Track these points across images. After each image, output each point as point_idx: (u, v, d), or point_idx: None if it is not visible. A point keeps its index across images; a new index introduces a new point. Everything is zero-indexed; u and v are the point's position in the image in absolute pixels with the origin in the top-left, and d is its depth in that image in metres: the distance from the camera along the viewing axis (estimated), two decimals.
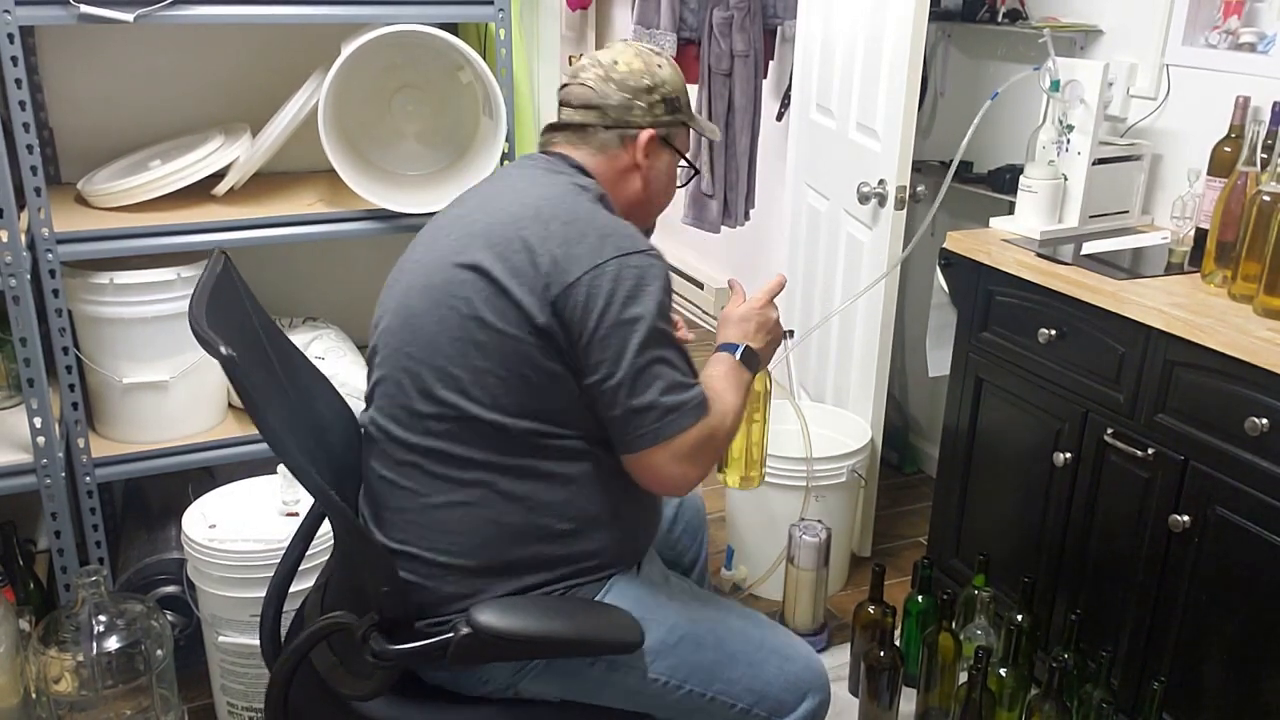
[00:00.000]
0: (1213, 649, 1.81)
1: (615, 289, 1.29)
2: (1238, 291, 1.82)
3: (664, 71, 1.50)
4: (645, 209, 1.55)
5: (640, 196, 1.54)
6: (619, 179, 1.51)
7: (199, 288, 1.31)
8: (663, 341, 1.32)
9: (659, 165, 1.53)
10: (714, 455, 1.38)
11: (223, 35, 2.37)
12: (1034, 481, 2.15)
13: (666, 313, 1.33)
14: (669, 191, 1.58)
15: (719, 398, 1.38)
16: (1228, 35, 2.16)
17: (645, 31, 3.55)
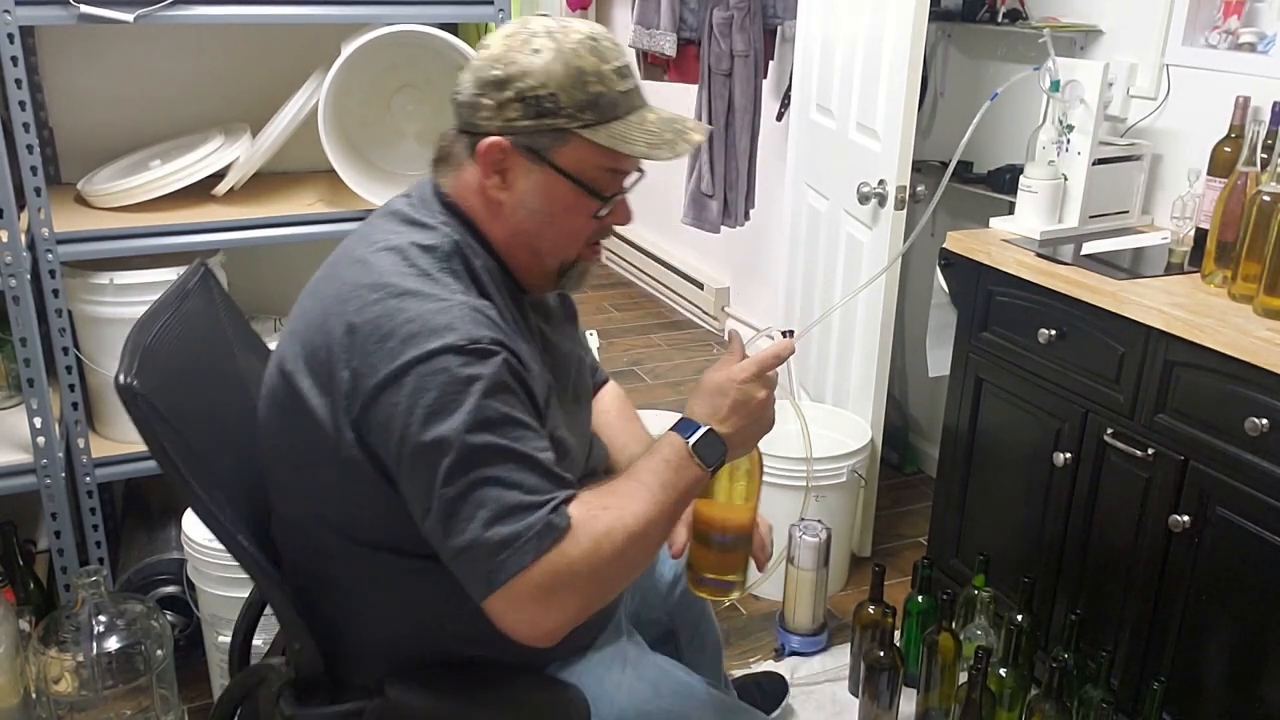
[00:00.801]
0: (1213, 649, 1.81)
1: (413, 406, 1.03)
2: (1238, 291, 1.82)
3: (534, 60, 1.12)
4: (529, 249, 1.21)
5: (511, 231, 1.20)
6: (483, 206, 1.20)
7: (161, 299, 1.27)
8: (484, 459, 1.02)
9: (523, 186, 1.17)
10: (585, 593, 1.03)
11: (223, 35, 2.37)
12: (1034, 481, 2.15)
13: (494, 422, 1.04)
14: (561, 226, 1.19)
15: (610, 509, 1.05)
16: (1228, 35, 2.16)
17: (645, 32, 3.55)
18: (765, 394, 1.15)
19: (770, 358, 1.15)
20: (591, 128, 1.14)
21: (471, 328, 1.07)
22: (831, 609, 2.51)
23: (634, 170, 1.22)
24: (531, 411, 1.10)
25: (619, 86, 1.16)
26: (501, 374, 1.06)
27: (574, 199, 1.18)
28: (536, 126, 1.14)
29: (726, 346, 1.20)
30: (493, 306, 1.14)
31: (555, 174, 1.16)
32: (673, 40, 3.48)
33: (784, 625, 2.41)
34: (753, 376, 1.14)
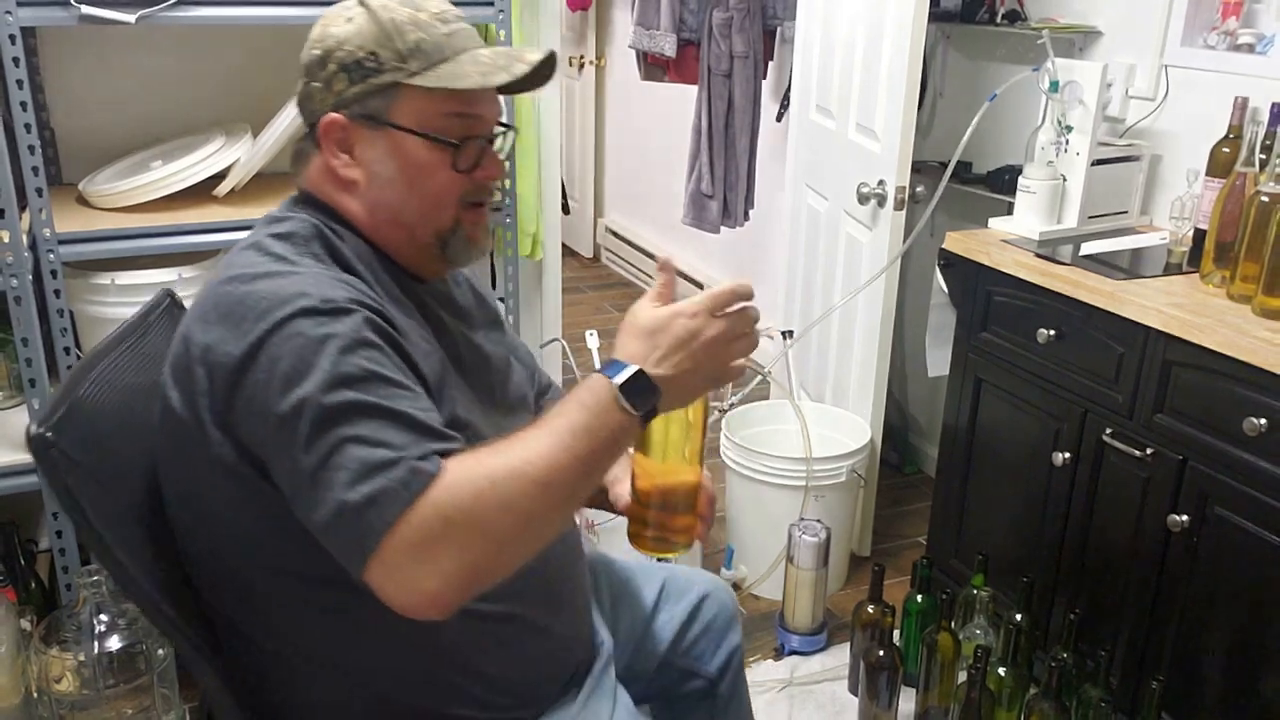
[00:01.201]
0: (1211, 648, 1.82)
1: (270, 379, 0.95)
2: (1236, 292, 1.82)
3: (347, 28, 1.09)
4: (396, 224, 1.14)
5: (370, 208, 1.13)
6: (338, 189, 1.13)
7: (117, 334, 1.21)
8: (344, 418, 0.92)
9: (371, 156, 1.11)
10: (468, 548, 0.88)
11: (224, 36, 2.38)
12: (1033, 481, 2.15)
13: (354, 378, 0.94)
14: (422, 189, 1.12)
15: (500, 454, 0.91)
16: (1226, 36, 2.16)
17: (645, 32, 3.56)
18: (718, 331, 0.97)
19: (726, 293, 0.98)
20: (419, 75, 1.08)
21: (326, 289, 1.00)
22: (831, 608, 2.51)
23: (487, 116, 1.14)
24: (407, 374, 1.00)
25: (441, 30, 1.10)
26: (362, 330, 0.98)
27: (425, 154, 1.10)
28: (364, 90, 1.09)
29: (658, 274, 1.02)
30: (360, 280, 1.07)
31: (398, 133, 1.09)
32: (673, 41, 3.48)
33: (784, 625, 2.41)
34: (702, 310, 0.96)
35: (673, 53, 3.50)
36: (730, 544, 2.65)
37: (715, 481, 2.89)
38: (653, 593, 1.49)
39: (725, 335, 0.97)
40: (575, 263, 5.35)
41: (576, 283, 4.95)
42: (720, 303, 0.97)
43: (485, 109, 1.13)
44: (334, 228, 1.12)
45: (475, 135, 1.12)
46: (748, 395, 2.91)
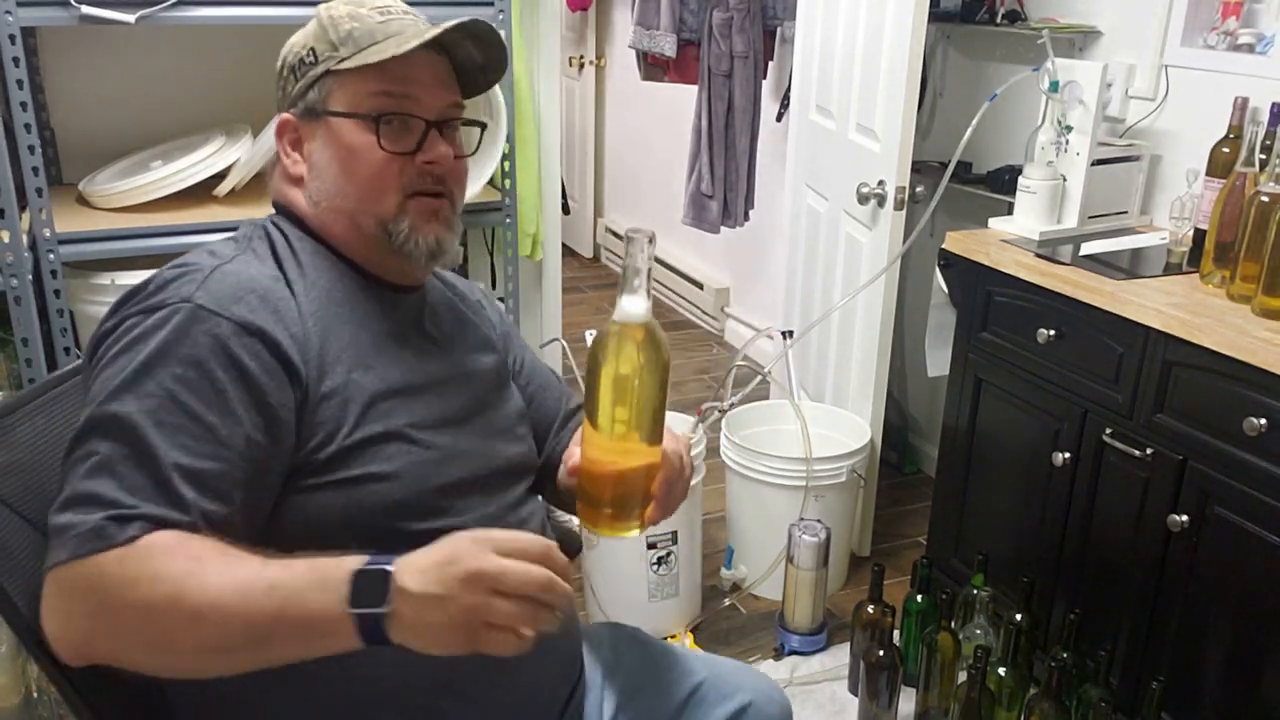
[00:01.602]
0: (1211, 648, 1.82)
1: (101, 359, 0.97)
2: (1236, 292, 1.82)
3: (298, 35, 1.15)
4: (339, 213, 1.11)
5: (315, 200, 1.12)
6: (291, 188, 1.14)
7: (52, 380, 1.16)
8: (102, 432, 0.89)
9: (313, 148, 1.12)
10: (98, 623, 0.84)
11: (224, 36, 2.38)
12: (1033, 481, 2.15)
13: (143, 393, 0.90)
14: (357, 173, 1.09)
15: (194, 562, 0.84)
16: (1226, 36, 2.16)
17: (645, 32, 3.56)
18: (478, 602, 0.80)
19: (533, 549, 0.83)
20: (346, 60, 1.09)
21: (199, 289, 0.97)
22: (831, 608, 2.51)
23: (424, 99, 1.09)
24: (234, 404, 0.93)
25: (376, 20, 1.10)
26: (198, 346, 0.93)
27: (354, 135, 1.08)
28: (305, 85, 1.11)
29: None
30: (283, 280, 1.04)
31: (333, 119, 1.10)
32: (673, 41, 3.48)
33: (783, 624, 2.42)
34: (491, 572, 0.80)
35: (673, 53, 3.50)
36: (730, 544, 2.65)
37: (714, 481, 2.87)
38: (685, 688, 1.29)
39: (489, 608, 0.80)
40: (575, 263, 5.35)
41: (576, 283, 4.96)
42: (507, 578, 0.80)
43: (421, 90, 1.09)
44: (282, 226, 1.12)
45: (405, 113, 1.09)
46: (748, 395, 2.91)
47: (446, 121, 1.12)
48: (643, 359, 0.94)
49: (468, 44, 1.13)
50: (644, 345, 0.94)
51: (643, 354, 0.94)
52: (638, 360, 0.94)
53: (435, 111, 1.11)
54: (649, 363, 0.95)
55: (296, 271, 1.07)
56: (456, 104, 1.14)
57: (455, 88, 1.15)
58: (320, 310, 1.05)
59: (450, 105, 1.13)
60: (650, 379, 0.95)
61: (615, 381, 0.94)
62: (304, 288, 1.06)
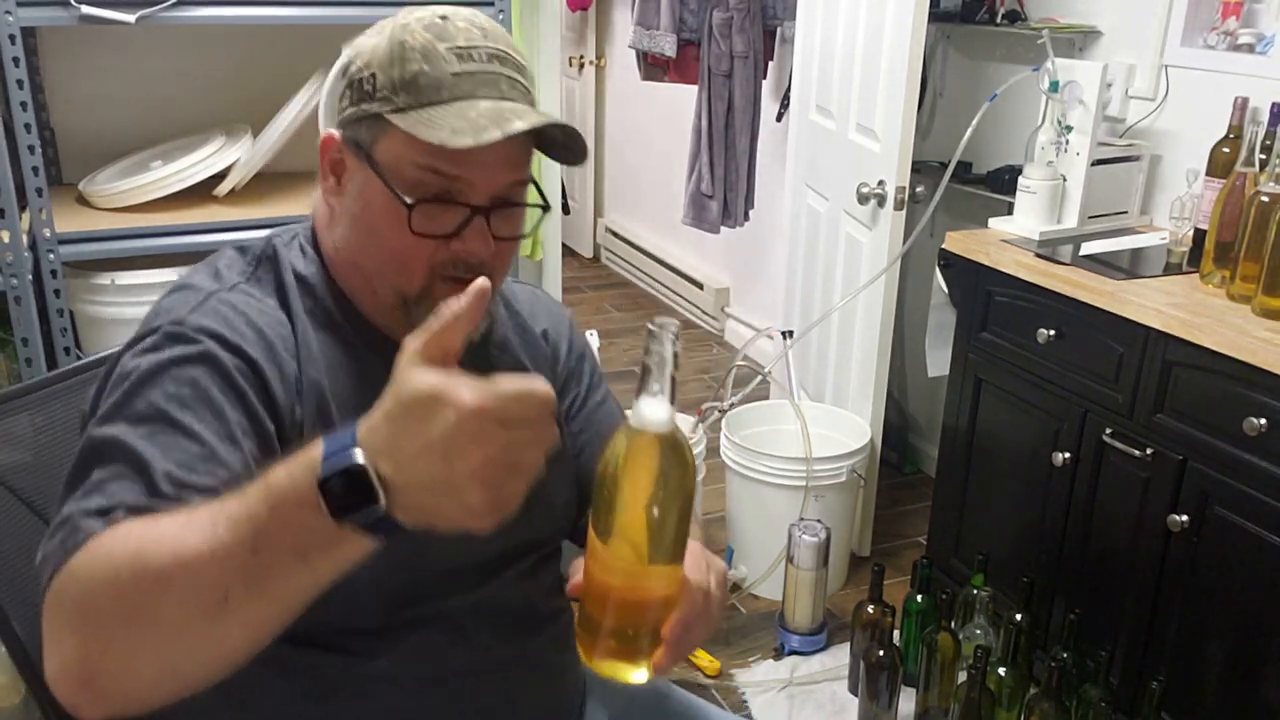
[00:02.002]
0: (1211, 648, 1.82)
1: (99, 393, 0.92)
2: (1236, 292, 1.82)
3: (368, 40, 0.97)
4: (355, 267, 0.99)
5: (335, 244, 1.01)
6: (324, 215, 1.03)
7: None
8: (98, 456, 0.84)
9: (350, 188, 0.98)
10: (75, 629, 0.73)
11: (224, 36, 2.38)
12: (1033, 481, 2.15)
13: (134, 413, 0.86)
14: (381, 242, 0.95)
15: (149, 527, 0.75)
16: (1226, 36, 2.16)
17: (645, 32, 3.56)
18: (496, 443, 0.65)
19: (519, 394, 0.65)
20: (401, 112, 0.92)
21: (192, 313, 0.93)
22: (831, 608, 2.51)
23: (477, 182, 0.94)
24: (224, 416, 0.87)
25: (451, 68, 0.93)
26: (188, 363, 0.88)
27: (383, 205, 0.94)
28: (356, 114, 0.96)
29: (443, 315, 0.70)
30: (281, 315, 0.97)
31: (372, 172, 0.95)
32: (673, 41, 3.48)
33: (784, 624, 2.41)
34: (486, 409, 0.64)
35: (673, 53, 3.50)
36: (730, 544, 2.65)
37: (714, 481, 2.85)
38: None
39: (504, 448, 0.65)
40: (575, 263, 5.35)
41: (576, 283, 4.96)
42: (511, 407, 0.65)
43: (476, 173, 0.93)
44: (303, 251, 1.02)
45: (448, 200, 0.94)
46: (748, 395, 2.91)
47: (501, 208, 0.96)
48: (664, 476, 0.79)
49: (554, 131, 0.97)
50: (666, 460, 0.78)
51: (664, 470, 0.79)
52: (658, 477, 0.79)
53: (489, 195, 0.95)
54: (671, 481, 0.79)
55: (302, 313, 0.98)
56: (519, 182, 0.98)
57: (523, 161, 0.97)
58: (319, 361, 0.97)
59: (511, 185, 0.97)
60: (671, 499, 0.80)
61: (629, 499, 0.79)
62: (306, 333, 0.97)
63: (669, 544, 0.81)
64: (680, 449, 0.79)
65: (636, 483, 0.79)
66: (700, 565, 0.90)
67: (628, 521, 0.80)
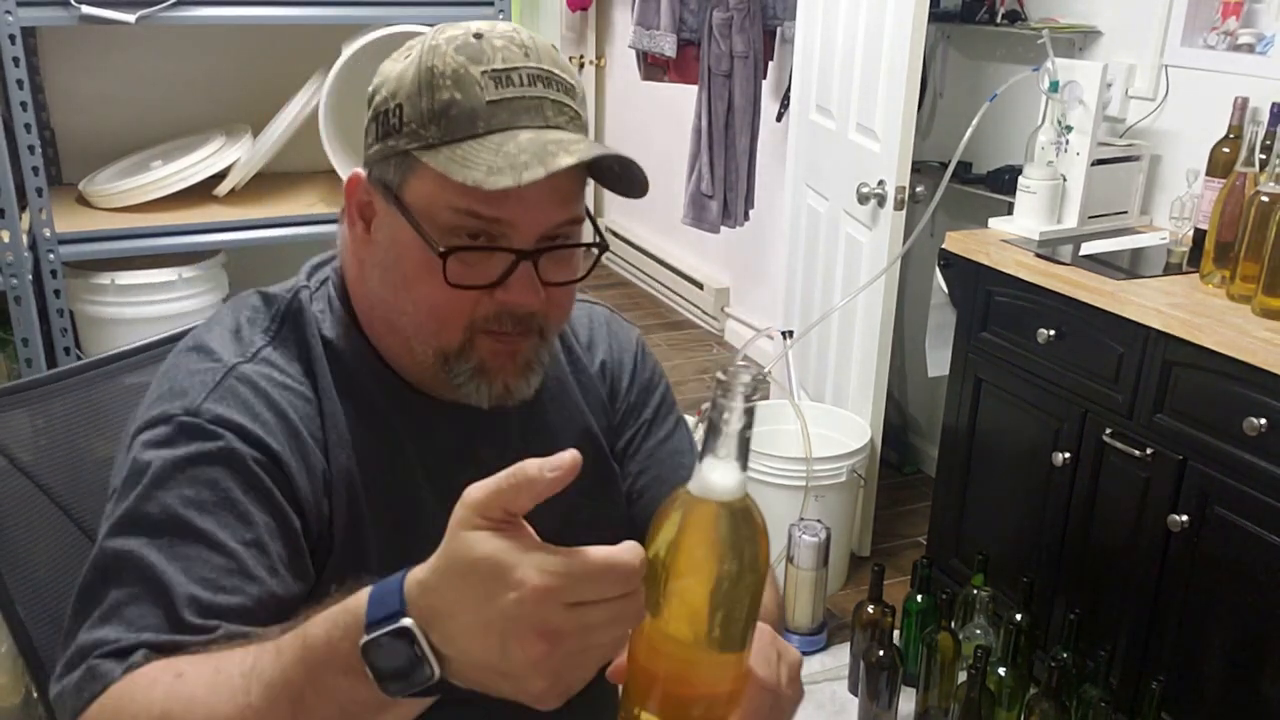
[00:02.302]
0: (1211, 648, 1.82)
1: (111, 485, 0.85)
2: (1236, 292, 1.82)
3: (396, 66, 0.86)
4: (390, 325, 0.90)
5: (370, 299, 0.91)
6: (354, 264, 0.93)
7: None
8: (113, 573, 0.78)
9: (381, 236, 0.88)
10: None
11: (224, 36, 2.38)
12: (1033, 481, 2.15)
13: (151, 522, 0.78)
14: (414, 293, 0.86)
15: (180, 680, 0.70)
16: (1226, 36, 2.16)
17: (645, 32, 3.55)
18: (567, 632, 0.57)
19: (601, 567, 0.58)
20: (431, 149, 0.82)
21: (209, 399, 0.84)
22: (831, 608, 2.51)
23: (520, 224, 0.83)
24: (264, 518, 0.81)
25: (488, 95, 0.82)
26: (206, 463, 0.80)
27: (416, 254, 0.84)
28: (383, 151, 0.86)
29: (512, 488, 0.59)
30: (301, 389, 0.88)
31: (403, 217, 0.85)
32: (673, 41, 3.48)
33: (783, 624, 2.41)
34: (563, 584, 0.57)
35: (673, 53, 3.50)
36: None
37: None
38: None
39: (574, 633, 0.57)
40: None
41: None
42: (585, 588, 0.57)
43: (518, 214, 0.82)
44: (331, 307, 0.93)
45: (488, 247, 0.84)
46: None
47: (551, 249, 0.85)
48: (730, 554, 0.66)
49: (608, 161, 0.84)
50: (734, 535, 0.67)
51: (730, 547, 0.67)
52: (722, 555, 0.66)
53: (535, 238, 0.84)
54: (739, 559, 0.66)
55: (330, 386, 0.89)
56: (571, 220, 0.86)
57: (574, 197, 0.86)
58: (348, 442, 0.88)
59: (560, 225, 0.86)
60: (739, 581, 0.67)
61: (687, 578, 0.65)
62: (334, 411, 0.89)
63: (733, 630, 0.67)
64: (751, 522, 0.68)
65: (695, 560, 0.66)
66: (770, 656, 0.75)
67: (684, 603, 0.66)
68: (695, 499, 0.66)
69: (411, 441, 0.92)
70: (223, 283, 2.23)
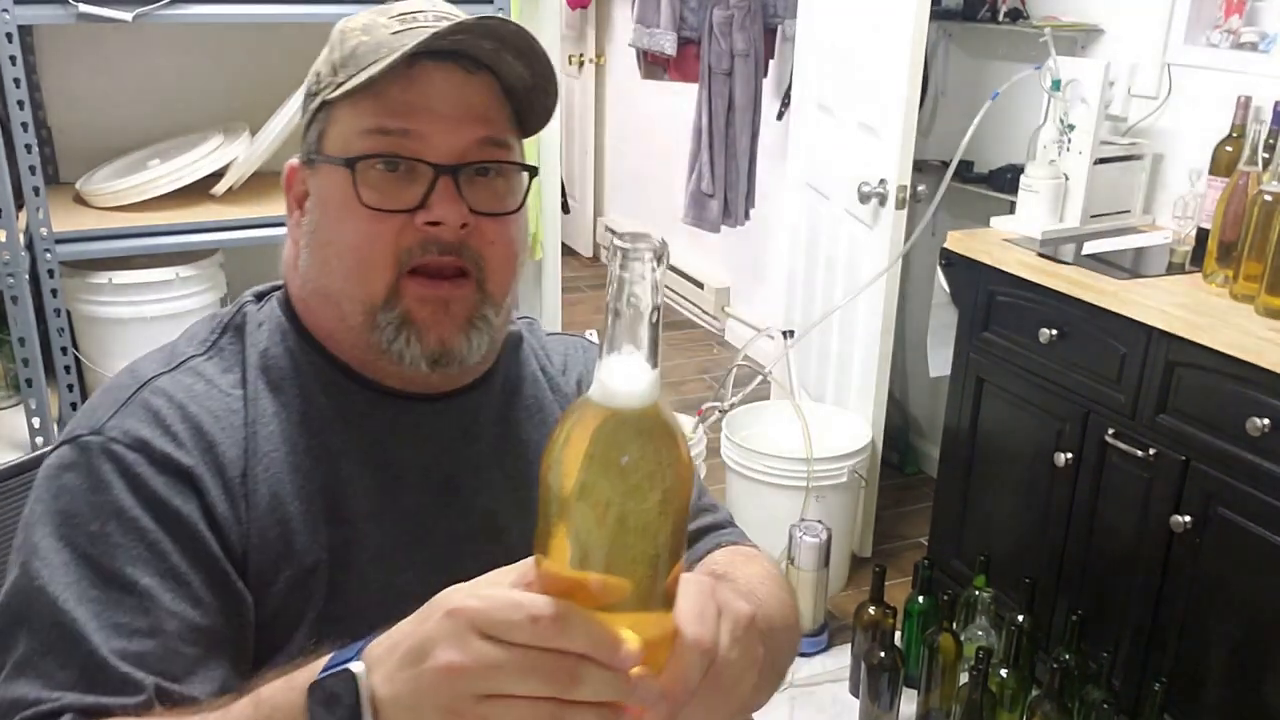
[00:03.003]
0: (1213, 650, 1.81)
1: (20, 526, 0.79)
2: (1239, 291, 1.81)
3: (334, 33, 0.85)
4: (325, 298, 0.84)
5: (302, 280, 0.86)
6: (290, 269, 0.89)
7: None
8: (18, 620, 0.73)
9: (310, 203, 0.85)
10: None
11: (222, 35, 2.37)
12: (1035, 482, 2.14)
13: (61, 558, 0.73)
14: (341, 241, 0.82)
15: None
16: (1229, 34, 2.15)
17: (645, 31, 3.55)
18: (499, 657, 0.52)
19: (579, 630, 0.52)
20: (341, 86, 0.81)
21: (116, 414, 0.78)
22: (832, 610, 2.51)
23: (431, 136, 0.79)
24: (176, 546, 0.75)
25: (389, 30, 0.81)
26: (106, 490, 0.75)
27: (335, 189, 0.81)
28: (307, 122, 0.85)
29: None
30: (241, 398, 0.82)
31: (322, 166, 0.83)
32: (673, 39, 3.48)
33: None
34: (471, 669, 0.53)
35: (673, 51, 3.49)
36: None
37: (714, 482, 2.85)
38: None
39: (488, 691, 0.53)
40: (575, 262, 5.34)
41: (576, 282, 4.95)
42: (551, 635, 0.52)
43: (429, 124, 0.80)
44: (276, 315, 0.88)
45: (394, 154, 0.80)
46: (748, 395, 2.90)
47: (469, 165, 0.81)
48: (642, 475, 0.52)
49: (507, 56, 0.81)
50: (646, 450, 0.53)
51: (641, 466, 0.52)
52: (632, 476, 0.52)
53: (452, 151, 0.80)
54: (652, 481, 0.53)
55: (263, 393, 0.83)
56: (491, 139, 0.82)
57: (496, 118, 0.83)
58: (278, 448, 0.82)
59: (480, 143, 0.81)
60: (654, 509, 0.53)
61: (586, 509, 0.52)
62: (264, 416, 0.82)
63: (642, 577, 0.54)
64: (664, 435, 0.53)
65: (591, 485, 0.52)
66: (705, 610, 0.58)
67: (580, 543, 0.53)
68: (594, 406, 0.53)
69: (349, 436, 0.85)
70: (220, 282, 2.22)
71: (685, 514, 0.56)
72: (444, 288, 0.81)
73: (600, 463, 0.52)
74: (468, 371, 0.87)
